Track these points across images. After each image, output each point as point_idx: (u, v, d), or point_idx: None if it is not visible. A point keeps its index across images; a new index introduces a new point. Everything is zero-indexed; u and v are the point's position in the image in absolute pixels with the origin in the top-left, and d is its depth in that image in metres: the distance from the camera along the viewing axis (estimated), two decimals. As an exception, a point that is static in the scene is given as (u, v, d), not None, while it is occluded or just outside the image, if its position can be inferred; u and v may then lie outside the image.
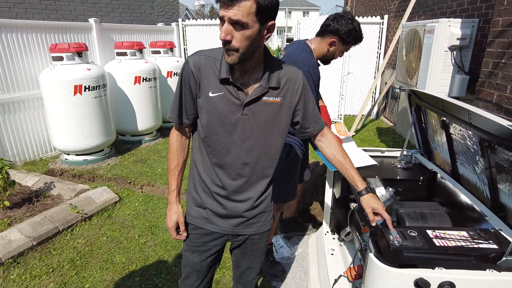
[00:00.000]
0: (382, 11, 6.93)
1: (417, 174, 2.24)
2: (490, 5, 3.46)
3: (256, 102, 1.24)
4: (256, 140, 1.28)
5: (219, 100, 1.23)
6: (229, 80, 1.21)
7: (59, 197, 3.48)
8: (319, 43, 2.23)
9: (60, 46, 4.09)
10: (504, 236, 1.41)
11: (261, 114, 1.25)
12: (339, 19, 2.12)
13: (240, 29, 1.07)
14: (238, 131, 1.26)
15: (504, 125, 1.31)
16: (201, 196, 1.39)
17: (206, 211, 1.39)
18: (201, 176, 1.37)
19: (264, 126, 1.27)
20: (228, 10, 1.05)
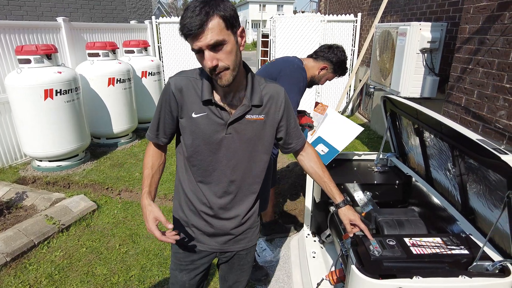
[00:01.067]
0: (355, 9, 7.06)
1: (393, 178, 2.33)
2: (457, 8, 3.61)
3: (240, 121, 1.25)
4: (241, 158, 1.30)
5: (203, 121, 1.23)
6: (212, 101, 1.21)
7: (33, 207, 3.35)
8: (312, 65, 2.35)
9: (27, 48, 3.90)
10: (474, 241, 1.50)
11: (246, 132, 1.27)
12: (335, 49, 2.33)
13: (220, 49, 1.08)
14: (222, 150, 1.27)
15: (474, 139, 1.39)
16: (187, 215, 1.39)
17: (193, 230, 1.40)
18: (187, 195, 1.36)
19: (249, 144, 1.29)
20: (200, 38, 1.05)
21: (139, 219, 3.30)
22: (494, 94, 2.33)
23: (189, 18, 1.04)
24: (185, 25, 1.05)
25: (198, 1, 1.05)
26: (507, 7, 2.23)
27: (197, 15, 1.02)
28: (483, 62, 2.44)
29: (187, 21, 1.04)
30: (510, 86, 2.20)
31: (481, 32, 2.45)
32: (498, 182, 1.43)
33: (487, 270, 1.35)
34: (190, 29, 1.03)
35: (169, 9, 32.51)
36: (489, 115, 2.38)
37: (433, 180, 2.10)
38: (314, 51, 2.40)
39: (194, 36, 1.05)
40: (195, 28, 1.03)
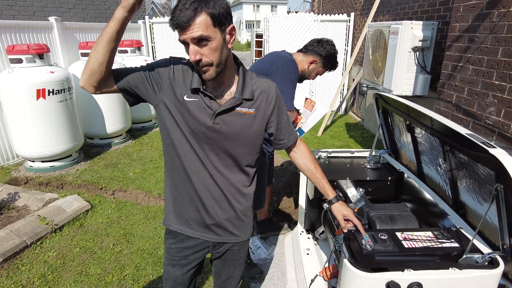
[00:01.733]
0: (348, 9, 7.10)
1: (386, 174, 2.36)
2: (448, 7, 3.65)
3: (229, 112, 1.25)
4: (230, 151, 1.30)
5: (194, 106, 1.23)
6: (200, 90, 1.22)
7: (26, 208, 3.32)
8: (302, 59, 2.33)
9: (18, 48, 3.86)
10: (464, 234, 1.53)
11: (234, 124, 1.26)
12: (324, 43, 2.32)
13: (205, 44, 1.10)
14: (209, 139, 1.27)
15: (463, 133, 1.41)
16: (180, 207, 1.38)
17: (185, 217, 1.39)
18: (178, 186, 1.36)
19: (236, 136, 1.28)
20: (187, 32, 1.07)
21: (133, 219, 3.29)
22: (484, 91, 2.37)
23: (178, 11, 1.06)
24: (174, 17, 1.08)
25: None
26: (495, 5, 2.27)
27: (186, 9, 1.05)
28: (473, 60, 2.47)
29: (176, 13, 1.07)
30: (499, 83, 2.24)
31: (471, 30, 2.49)
32: (487, 176, 1.45)
33: (477, 262, 1.37)
34: (177, 21, 1.07)
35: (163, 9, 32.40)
36: (479, 112, 2.41)
37: (425, 176, 2.13)
38: (304, 45, 2.39)
39: (180, 28, 1.08)
40: (182, 21, 1.06)
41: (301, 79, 2.43)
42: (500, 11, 2.23)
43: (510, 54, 2.16)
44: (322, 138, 5.61)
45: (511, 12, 2.15)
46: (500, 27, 2.23)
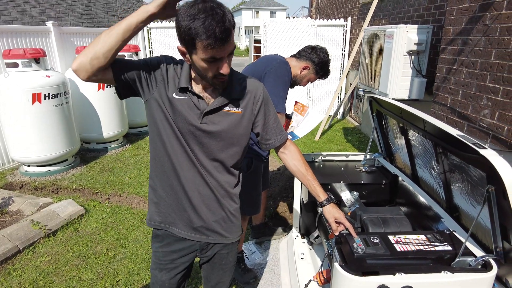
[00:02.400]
0: (345, 14, 7.14)
1: (380, 177, 2.34)
2: (443, 12, 3.67)
3: (217, 112, 1.25)
4: (218, 150, 1.29)
5: (182, 104, 1.22)
6: (188, 89, 1.22)
7: (19, 213, 3.30)
8: (295, 64, 2.33)
9: (14, 52, 3.87)
10: (457, 238, 1.51)
11: (222, 124, 1.26)
12: (318, 50, 2.32)
13: (231, 56, 1.15)
14: (195, 138, 1.26)
15: (454, 134, 1.40)
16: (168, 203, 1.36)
17: (172, 216, 1.37)
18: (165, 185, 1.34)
19: (223, 136, 1.27)
20: (226, 48, 1.08)
21: (128, 224, 3.26)
22: (478, 94, 2.36)
23: (220, 27, 1.02)
24: (212, 36, 1.02)
25: (221, 7, 1.05)
26: (487, 8, 2.27)
27: (228, 27, 1.04)
28: (467, 63, 2.47)
29: (217, 31, 1.02)
30: (493, 86, 2.23)
31: (464, 33, 2.49)
32: (479, 178, 1.44)
33: (470, 266, 1.35)
34: (222, 41, 1.04)
35: (163, 15, 32.57)
36: (474, 115, 2.41)
37: (419, 179, 2.11)
38: (298, 51, 2.40)
39: (221, 45, 1.05)
40: (226, 38, 1.05)
41: (293, 85, 2.42)
42: (492, 14, 2.24)
43: (503, 56, 2.16)
44: (319, 143, 5.59)
45: (503, 15, 2.16)
46: (493, 29, 2.23)
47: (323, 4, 8.98)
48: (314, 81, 2.44)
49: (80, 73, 1.12)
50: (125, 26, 1.10)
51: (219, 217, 1.37)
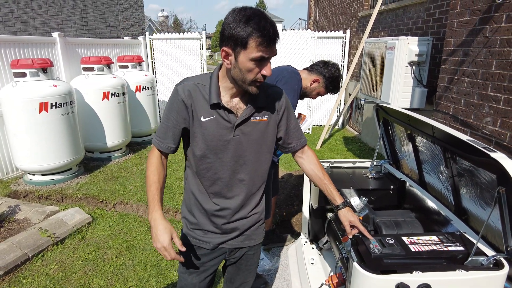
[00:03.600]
0: (344, 26, 7.31)
1: (388, 183, 2.40)
2: (441, 24, 3.80)
3: (246, 123, 1.31)
4: (248, 158, 1.35)
5: (211, 124, 1.28)
6: (220, 104, 1.27)
7: (26, 221, 3.30)
8: (306, 76, 2.42)
9: (22, 62, 3.93)
10: (468, 238, 1.57)
11: (252, 133, 1.33)
12: (329, 66, 2.42)
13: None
14: (231, 151, 1.32)
15: (464, 139, 1.47)
16: (198, 217, 1.42)
17: (203, 231, 1.43)
18: (197, 199, 1.40)
19: (255, 144, 1.34)
20: (273, 48, 1.16)
21: (135, 231, 3.28)
22: (480, 102, 2.45)
23: (273, 29, 1.14)
24: (267, 37, 1.12)
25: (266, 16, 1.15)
26: (487, 22, 2.38)
27: (275, 27, 1.14)
28: (468, 73, 2.57)
29: (270, 30, 1.13)
30: (494, 94, 2.33)
31: (465, 44, 2.60)
32: (489, 181, 1.51)
33: (482, 265, 1.41)
34: (274, 37, 1.14)
35: (160, 26, 32.93)
36: (476, 122, 2.49)
37: (427, 184, 2.18)
38: (311, 64, 2.50)
39: (269, 45, 1.14)
40: (275, 40, 1.15)
41: (302, 96, 2.51)
42: (492, 27, 2.35)
43: (503, 66, 2.26)
44: (320, 152, 5.67)
45: (503, 28, 2.26)
46: (493, 41, 2.34)
47: (322, 17, 9.19)
48: (324, 95, 2.52)
49: None
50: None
51: (252, 222, 1.44)
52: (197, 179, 1.39)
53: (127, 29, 9.15)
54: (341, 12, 7.57)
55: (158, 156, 1.39)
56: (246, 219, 1.43)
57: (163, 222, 1.24)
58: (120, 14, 8.95)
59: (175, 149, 1.38)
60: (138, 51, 7.17)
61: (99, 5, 8.39)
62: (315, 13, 9.79)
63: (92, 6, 8.21)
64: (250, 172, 1.37)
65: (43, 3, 7.22)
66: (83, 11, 8.01)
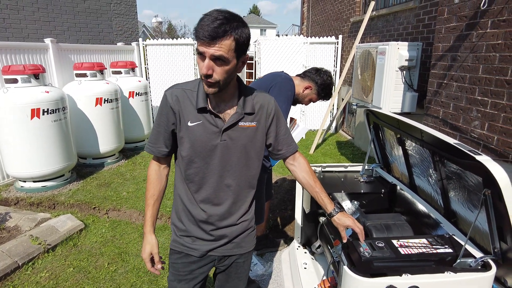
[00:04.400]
0: (336, 32, 7.39)
1: (379, 187, 2.43)
2: (431, 30, 3.87)
3: (234, 128, 1.31)
4: (235, 163, 1.35)
5: (198, 129, 1.29)
6: (207, 109, 1.28)
7: (17, 228, 3.27)
8: (298, 83, 2.44)
9: (14, 68, 3.91)
10: (457, 241, 1.59)
11: (239, 139, 1.33)
12: (322, 73, 2.45)
13: (220, 64, 1.16)
14: (218, 156, 1.32)
15: (451, 143, 1.50)
16: (186, 224, 1.42)
17: (192, 238, 1.42)
18: (185, 205, 1.40)
19: (243, 150, 1.35)
20: (210, 47, 1.12)
21: (128, 238, 3.25)
22: (468, 106, 2.50)
23: (207, 26, 1.11)
24: (202, 29, 1.11)
25: (223, 15, 1.12)
26: (474, 27, 2.43)
27: (216, 27, 1.10)
28: (457, 77, 2.62)
29: (204, 27, 1.11)
30: (482, 98, 2.37)
31: (453, 49, 2.65)
32: (475, 183, 1.53)
33: (470, 266, 1.43)
34: (204, 35, 1.11)
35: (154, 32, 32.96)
36: (465, 126, 2.53)
37: (417, 187, 2.20)
38: (303, 71, 2.53)
39: (204, 41, 1.12)
40: (208, 37, 1.10)
41: (295, 102, 2.53)
42: (478, 32, 2.40)
43: (489, 71, 2.31)
44: (314, 156, 5.69)
45: (488, 33, 2.31)
46: (479, 46, 2.39)
47: (314, 22, 9.28)
48: (316, 101, 2.55)
49: None
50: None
51: (241, 229, 1.44)
52: (184, 184, 1.39)
53: (120, 35, 9.16)
54: (333, 18, 7.66)
55: (155, 165, 1.43)
56: (235, 226, 1.43)
57: (147, 237, 1.43)
58: (113, 20, 8.95)
59: (168, 153, 1.40)
60: (132, 57, 7.17)
61: (92, 11, 8.39)
62: (307, 19, 9.90)
63: (85, 12, 8.21)
64: (237, 177, 1.37)
65: (36, 9, 7.21)
66: (76, 17, 8.01)
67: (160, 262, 1.44)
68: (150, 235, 1.42)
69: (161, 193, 1.47)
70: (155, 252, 1.42)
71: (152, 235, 1.42)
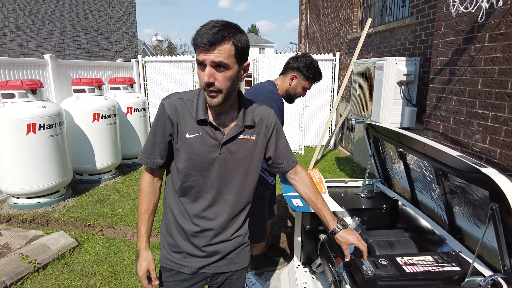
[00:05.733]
0: (334, 49, 7.48)
1: (380, 202, 2.37)
2: (428, 45, 3.89)
3: (233, 141, 1.27)
4: (234, 177, 1.31)
5: (196, 141, 1.24)
6: (207, 121, 1.24)
7: (7, 246, 3.16)
8: (282, 80, 2.38)
9: (11, 83, 3.89)
10: (464, 258, 1.52)
11: (239, 152, 1.29)
12: (299, 57, 2.34)
13: (222, 71, 1.13)
14: (216, 170, 1.28)
15: (455, 155, 1.45)
16: (177, 239, 1.36)
17: (182, 254, 1.36)
18: (176, 219, 1.34)
19: (242, 163, 1.30)
20: (209, 54, 1.09)
21: (122, 256, 3.15)
22: (468, 120, 2.47)
23: (205, 32, 1.09)
24: (200, 36, 1.10)
25: (220, 23, 1.12)
26: (471, 41, 2.44)
27: (214, 33, 1.08)
28: (456, 91, 2.60)
29: (202, 35, 1.09)
30: (482, 112, 2.34)
31: (451, 63, 2.64)
32: (481, 197, 1.48)
33: (480, 285, 1.36)
34: (203, 41, 1.08)
35: (154, 50, 33.43)
36: (466, 140, 2.50)
37: (419, 202, 2.14)
38: (283, 66, 2.42)
39: (203, 48, 1.09)
40: (207, 43, 1.08)
41: (290, 99, 2.44)
42: (476, 46, 2.40)
43: (489, 84, 2.29)
44: (313, 172, 5.63)
45: (486, 47, 2.31)
46: (478, 60, 2.38)
47: (312, 40, 9.41)
48: (310, 87, 2.43)
49: None
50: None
51: (235, 244, 1.38)
52: (177, 198, 1.33)
53: (120, 52, 9.24)
54: (330, 35, 7.77)
55: (149, 177, 1.37)
56: (228, 242, 1.37)
57: (143, 253, 1.34)
58: (113, 37, 9.06)
59: (162, 165, 1.34)
60: (131, 73, 7.20)
61: (93, 29, 8.50)
62: (305, 37, 10.04)
63: (85, 29, 8.32)
64: (234, 192, 1.32)
65: (37, 26, 7.29)
66: (76, 34, 8.10)
67: (157, 279, 1.36)
68: (146, 251, 1.35)
69: (155, 207, 1.40)
70: (152, 269, 1.34)
71: (148, 251, 1.35)
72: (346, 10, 6.73)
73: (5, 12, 6.73)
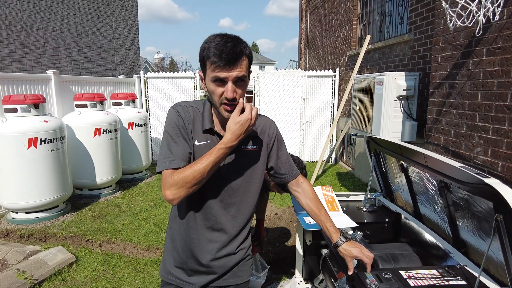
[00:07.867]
0: (333, 65, 7.57)
1: (382, 216, 2.34)
2: (426, 60, 3.94)
3: (237, 151, 1.27)
4: (237, 187, 1.30)
5: (205, 149, 1.23)
6: (213, 130, 1.25)
7: (3, 262, 3.11)
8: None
9: (14, 98, 3.93)
10: (470, 272, 1.48)
11: (242, 162, 1.29)
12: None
13: (241, 85, 1.16)
14: (220, 179, 1.27)
15: (457, 166, 1.44)
16: (182, 255, 1.34)
17: (187, 272, 1.34)
18: (182, 233, 1.33)
19: (245, 173, 1.30)
20: (233, 70, 1.11)
21: (121, 272, 3.09)
22: (469, 133, 2.47)
23: (223, 51, 1.08)
24: (217, 54, 1.09)
25: (229, 37, 1.13)
26: (469, 55, 2.47)
27: (232, 50, 1.09)
28: (456, 104, 2.61)
29: (222, 54, 1.08)
30: (483, 124, 2.35)
31: (450, 77, 2.67)
32: (486, 209, 1.46)
33: (487, 300, 1.32)
34: (224, 59, 1.08)
35: (156, 68, 33.89)
36: (467, 153, 2.49)
37: (422, 215, 2.11)
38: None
39: (225, 65, 1.09)
40: (231, 60, 1.09)
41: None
42: (474, 60, 2.42)
43: (488, 97, 2.30)
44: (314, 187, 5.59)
45: (484, 61, 2.34)
46: (477, 73, 2.40)
47: (312, 57, 9.54)
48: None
49: (175, 202, 1.17)
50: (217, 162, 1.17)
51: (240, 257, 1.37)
52: (182, 211, 1.32)
53: (122, 68, 9.37)
54: (330, 52, 7.88)
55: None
56: (233, 255, 1.35)
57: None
58: (116, 54, 9.20)
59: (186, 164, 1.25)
60: (133, 89, 7.28)
61: (96, 46, 8.64)
62: (305, 54, 10.18)
63: (89, 46, 8.46)
64: (238, 202, 1.31)
65: (42, 43, 7.42)
66: (80, 51, 8.23)
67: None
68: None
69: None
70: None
71: None
72: (345, 27, 6.85)
73: (11, 29, 6.86)
